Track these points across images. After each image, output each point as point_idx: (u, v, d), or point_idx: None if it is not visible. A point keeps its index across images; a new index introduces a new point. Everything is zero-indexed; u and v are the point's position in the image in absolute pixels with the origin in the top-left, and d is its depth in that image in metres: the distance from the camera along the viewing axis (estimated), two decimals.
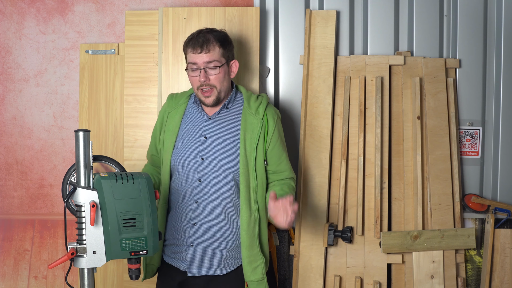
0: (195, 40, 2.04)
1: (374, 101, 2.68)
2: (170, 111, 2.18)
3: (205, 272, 2.08)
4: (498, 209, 2.76)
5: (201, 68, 2.03)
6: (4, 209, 2.88)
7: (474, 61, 2.81)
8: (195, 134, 2.10)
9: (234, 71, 2.13)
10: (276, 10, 2.80)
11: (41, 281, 2.88)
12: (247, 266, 2.07)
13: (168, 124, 2.15)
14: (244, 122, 2.09)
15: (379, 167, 2.64)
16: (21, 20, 2.83)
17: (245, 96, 2.16)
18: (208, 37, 2.04)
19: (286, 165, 2.17)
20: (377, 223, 2.62)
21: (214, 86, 2.05)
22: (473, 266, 2.80)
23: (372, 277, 2.64)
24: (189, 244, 2.08)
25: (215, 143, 2.07)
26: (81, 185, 1.60)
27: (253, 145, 2.07)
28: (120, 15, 2.81)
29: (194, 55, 2.03)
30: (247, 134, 2.08)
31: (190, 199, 2.08)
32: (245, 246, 2.06)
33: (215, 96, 2.06)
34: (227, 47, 2.08)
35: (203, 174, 2.06)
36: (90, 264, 1.60)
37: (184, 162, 2.08)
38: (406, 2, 2.81)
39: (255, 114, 2.10)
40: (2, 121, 2.86)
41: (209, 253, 2.07)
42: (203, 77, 2.03)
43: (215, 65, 2.03)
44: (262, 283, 2.09)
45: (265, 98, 2.18)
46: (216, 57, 2.03)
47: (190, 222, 2.07)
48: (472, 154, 2.83)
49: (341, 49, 2.81)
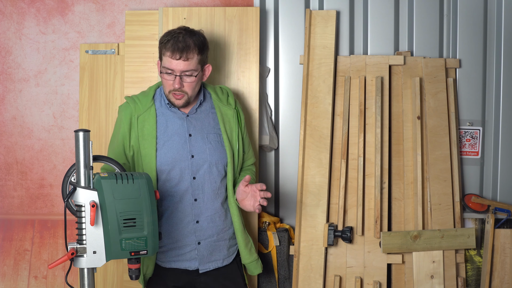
0: (174, 44, 1.99)
1: (374, 101, 2.68)
2: (140, 115, 2.10)
3: (215, 265, 2.15)
4: (498, 209, 2.76)
5: (177, 75, 2.01)
6: (4, 209, 2.88)
7: (474, 61, 2.81)
8: (179, 133, 2.09)
9: (206, 75, 2.14)
10: (276, 10, 2.80)
11: (41, 281, 2.88)
12: (244, 249, 2.20)
13: (141, 128, 2.08)
14: (220, 113, 2.17)
15: (379, 167, 2.64)
16: (21, 20, 2.83)
17: (211, 90, 2.21)
18: (189, 42, 1.99)
19: (252, 151, 2.33)
20: (377, 223, 2.62)
21: (186, 93, 2.06)
22: (473, 266, 2.80)
23: (372, 277, 2.64)
24: (196, 242, 2.10)
25: (200, 139, 2.11)
26: (81, 185, 1.60)
27: (234, 135, 2.16)
28: (120, 15, 2.81)
29: (172, 60, 2.00)
30: (226, 125, 2.16)
31: (187, 198, 2.09)
32: (239, 230, 2.17)
33: (185, 100, 2.08)
34: (204, 53, 2.07)
35: (197, 172, 2.09)
36: (90, 264, 1.60)
37: (175, 162, 2.07)
38: (406, 2, 2.81)
39: (227, 105, 2.20)
40: (2, 121, 2.86)
41: (216, 246, 2.14)
42: (178, 84, 2.02)
43: (191, 73, 2.03)
44: (258, 262, 2.26)
45: (229, 90, 2.27)
46: (193, 66, 2.02)
47: (192, 220, 2.09)
48: (472, 154, 2.83)
49: (341, 49, 2.81)
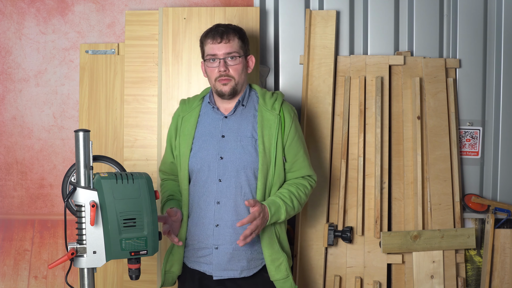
0: (214, 31, 2.05)
1: (374, 101, 2.68)
2: (184, 115, 2.14)
3: (231, 275, 2.03)
4: (498, 209, 2.76)
5: (221, 59, 2.03)
6: (4, 209, 2.88)
7: (474, 61, 2.81)
8: (211, 134, 2.07)
9: (250, 66, 2.14)
10: (276, 10, 2.80)
11: (41, 281, 2.88)
12: (270, 265, 2.04)
13: (183, 128, 2.12)
14: (261, 118, 2.07)
15: (379, 167, 2.64)
16: (21, 20, 2.83)
17: (260, 93, 2.14)
18: (228, 28, 2.06)
19: (302, 162, 2.12)
20: (377, 223, 2.62)
21: (233, 78, 2.05)
22: (473, 266, 2.80)
23: (372, 277, 2.64)
24: (214, 246, 2.02)
25: (233, 141, 2.04)
26: (81, 185, 1.60)
27: (272, 141, 2.05)
28: (120, 15, 2.81)
29: (213, 45, 2.04)
30: (264, 130, 2.05)
31: (211, 200, 2.03)
32: (265, 244, 2.04)
33: (232, 86, 2.05)
34: (245, 40, 2.11)
35: (223, 174, 2.02)
36: (90, 264, 1.60)
37: (203, 163, 2.04)
38: (406, 2, 2.81)
39: (271, 110, 2.08)
40: (2, 121, 2.86)
41: (234, 254, 2.02)
42: (223, 67, 2.02)
43: (234, 56, 2.04)
44: (288, 281, 2.06)
45: (280, 95, 2.16)
46: (235, 48, 2.05)
47: (213, 223, 2.02)
48: (472, 154, 2.83)
49: (341, 49, 2.81)
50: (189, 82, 2.63)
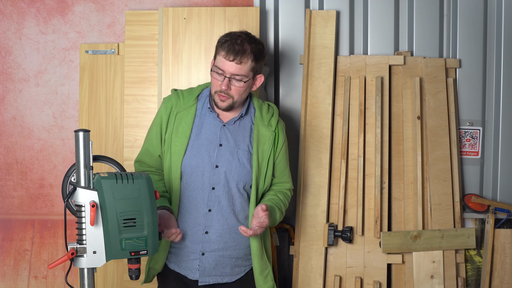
0: (231, 45, 1.94)
1: (374, 101, 2.68)
2: (179, 112, 2.08)
3: (216, 280, 2.07)
4: (498, 209, 2.76)
5: (227, 77, 1.97)
6: (4, 209, 2.88)
7: (474, 61, 2.81)
8: (209, 141, 2.05)
9: (257, 85, 2.08)
10: (276, 10, 2.80)
11: (41, 281, 2.88)
12: (259, 275, 2.09)
13: (177, 125, 2.07)
14: (257, 132, 2.09)
15: (379, 167, 2.64)
16: (21, 20, 2.83)
17: (256, 105, 2.13)
18: (246, 47, 1.95)
19: (288, 177, 2.20)
20: (377, 223, 2.62)
21: (232, 97, 2.01)
22: (473, 266, 2.80)
23: (372, 277, 2.64)
24: (200, 252, 2.04)
25: (230, 152, 2.05)
26: (81, 185, 1.60)
27: (265, 157, 2.08)
28: (120, 15, 2.81)
29: (225, 60, 1.95)
30: (259, 145, 2.08)
31: (202, 207, 2.03)
32: (256, 256, 2.08)
33: (228, 104, 2.01)
34: (259, 62, 2.01)
35: (217, 182, 2.03)
36: (90, 264, 1.60)
37: (197, 168, 2.03)
38: (406, 2, 2.81)
39: (267, 126, 2.10)
40: (2, 121, 2.86)
41: (219, 261, 2.06)
42: (225, 86, 1.97)
43: (241, 79, 1.98)
44: None
45: (276, 111, 2.18)
46: (245, 71, 1.96)
47: (202, 230, 2.03)
48: (472, 154, 2.83)
49: (341, 49, 2.81)
50: (189, 82, 2.63)
